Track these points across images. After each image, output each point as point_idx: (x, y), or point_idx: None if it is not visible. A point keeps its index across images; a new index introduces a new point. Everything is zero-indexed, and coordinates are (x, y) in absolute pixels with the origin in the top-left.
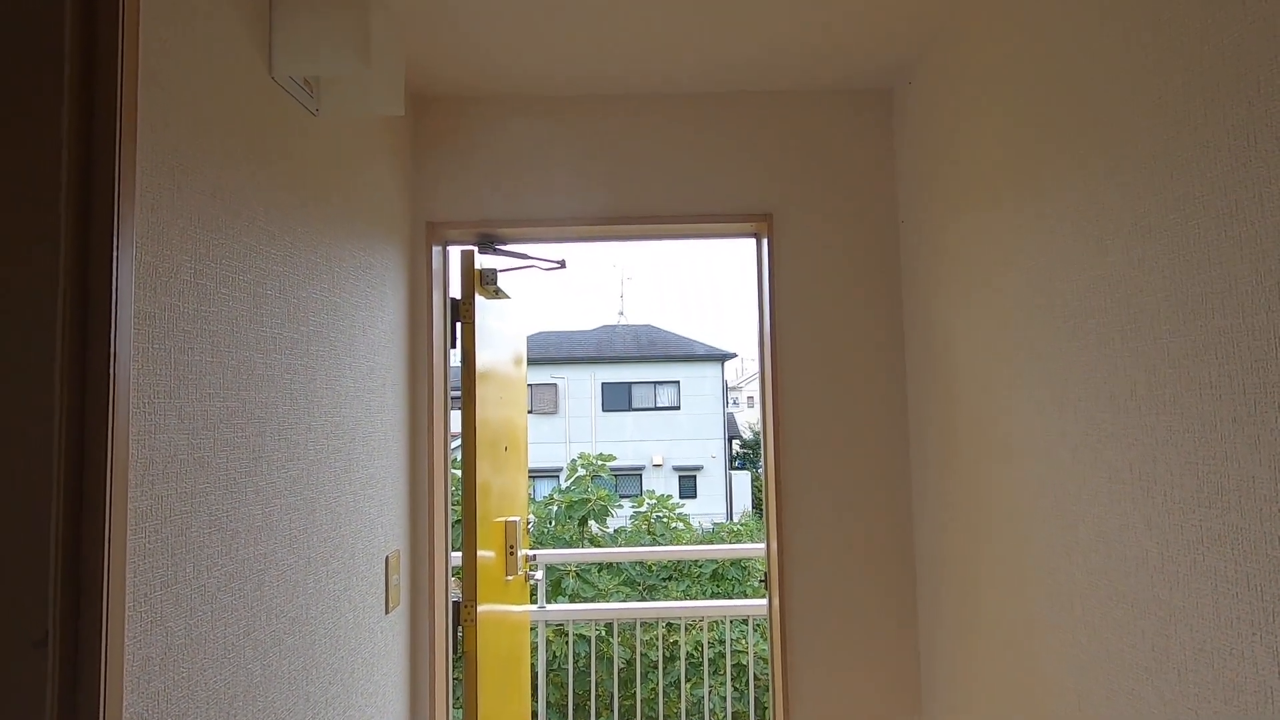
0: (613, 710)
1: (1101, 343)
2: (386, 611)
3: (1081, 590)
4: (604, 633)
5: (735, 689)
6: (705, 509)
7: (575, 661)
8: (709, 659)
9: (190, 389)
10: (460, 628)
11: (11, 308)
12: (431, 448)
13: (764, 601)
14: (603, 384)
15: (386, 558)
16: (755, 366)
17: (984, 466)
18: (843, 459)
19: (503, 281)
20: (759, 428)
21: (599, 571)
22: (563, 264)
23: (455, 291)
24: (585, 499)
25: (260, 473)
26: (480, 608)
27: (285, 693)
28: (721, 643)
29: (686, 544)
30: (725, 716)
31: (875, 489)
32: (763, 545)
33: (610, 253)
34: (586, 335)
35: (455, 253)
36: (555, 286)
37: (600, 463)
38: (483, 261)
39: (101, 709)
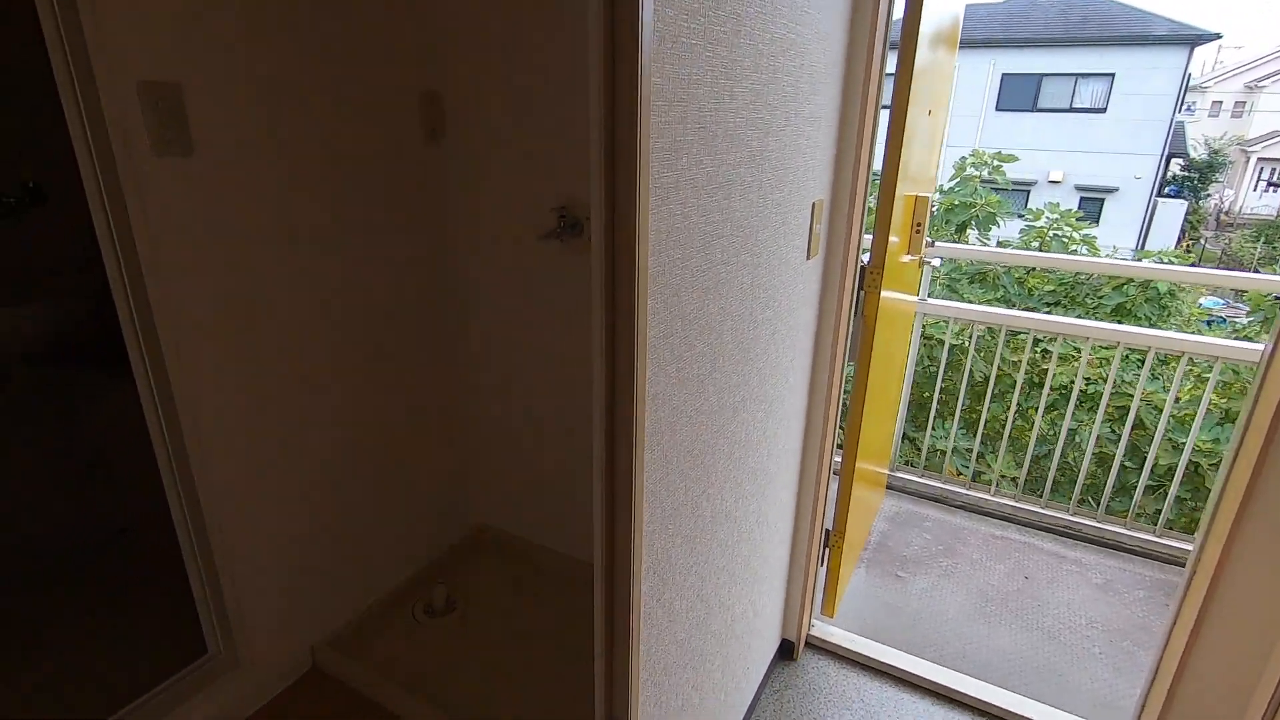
0: (980, 417)
1: None
2: (807, 258)
3: None
4: (964, 342)
5: (1112, 431)
6: (1110, 239)
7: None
8: (1087, 394)
9: None
10: (863, 291)
11: None
12: (868, 83)
13: (1189, 337)
14: (1003, 74)
15: (813, 204)
16: (1244, 56)
17: None
18: None
19: None
20: (1218, 143)
21: (969, 283)
22: None
23: None
24: (970, 203)
25: (735, 79)
26: (883, 286)
27: (737, 298)
28: (1102, 380)
29: None
30: (1085, 451)
31: None
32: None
33: None
34: (993, 10)
35: None
36: None
37: (997, 164)
38: None
39: (635, 280)
